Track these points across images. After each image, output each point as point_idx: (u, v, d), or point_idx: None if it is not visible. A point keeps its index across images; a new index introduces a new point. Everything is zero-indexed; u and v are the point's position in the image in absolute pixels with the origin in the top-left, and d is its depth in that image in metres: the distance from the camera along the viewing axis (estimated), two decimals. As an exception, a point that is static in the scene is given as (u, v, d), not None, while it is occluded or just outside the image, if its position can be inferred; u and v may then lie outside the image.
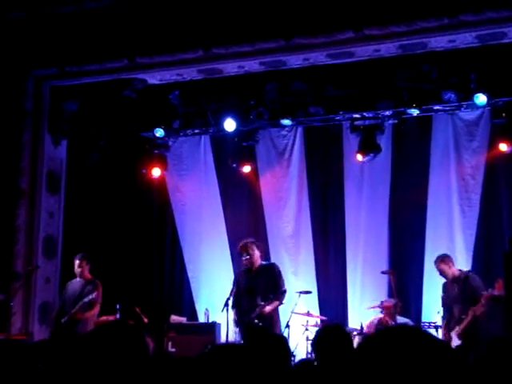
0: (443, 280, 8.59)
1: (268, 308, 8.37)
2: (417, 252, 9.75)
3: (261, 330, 8.07)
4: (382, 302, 9.05)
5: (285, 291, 8.57)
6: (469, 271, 8.61)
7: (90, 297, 8.79)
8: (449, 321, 8.35)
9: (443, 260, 8.49)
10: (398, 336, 1.48)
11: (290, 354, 4.19)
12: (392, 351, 1.44)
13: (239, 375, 2.51)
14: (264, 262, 8.91)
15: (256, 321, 8.34)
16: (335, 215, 10.44)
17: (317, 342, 4.19)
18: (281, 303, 8.59)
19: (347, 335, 4.27)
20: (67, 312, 8.85)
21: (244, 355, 2.61)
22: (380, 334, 1.51)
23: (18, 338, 8.55)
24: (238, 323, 8.57)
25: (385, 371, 1.42)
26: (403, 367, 1.41)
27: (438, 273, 8.57)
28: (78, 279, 9.14)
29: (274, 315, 8.48)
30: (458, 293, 8.24)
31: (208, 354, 2.57)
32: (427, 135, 9.90)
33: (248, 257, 8.66)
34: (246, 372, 2.55)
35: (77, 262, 9.13)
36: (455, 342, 7.98)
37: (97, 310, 8.97)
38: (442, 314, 8.57)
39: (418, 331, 1.49)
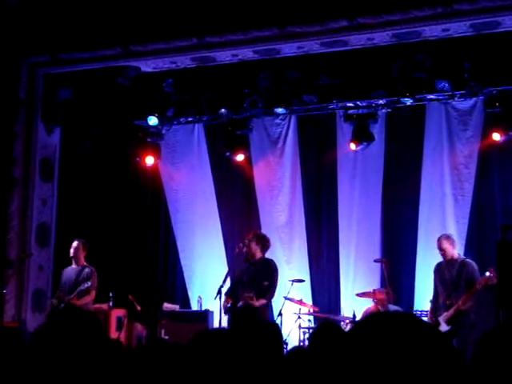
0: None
1: (255, 302, 8.40)
2: (410, 240, 9.77)
3: (252, 318, 8.09)
4: (374, 291, 9.05)
5: (274, 291, 8.61)
6: (466, 257, 8.55)
7: (86, 285, 8.80)
8: (437, 305, 8.31)
9: (448, 238, 8.36)
10: (387, 321, 1.49)
11: (283, 341, 4.20)
12: (382, 336, 1.45)
13: (230, 361, 2.52)
14: (265, 257, 8.93)
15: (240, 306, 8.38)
16: (328, 204, 10.46)
17: (313, 340, 4.22)
18: (268, 302, 8.66)
19: (341, 330, 4.30)
20: (63, 299, 8.86)
21: (235, 341, 2.62)
22: (370, 319, 1.52)
23: (10, 326, 8.54)
24: (228, 310, 8.59)
25: (374, 356, 1.43)
26: (393, 352, 1.43)
27: (439, 252, 8.31)
28: (73, 266, 9.14)
29: (260, 309, 8.47)
30: (454, 277, 8.18)
31: (200, 340, 2.58)
32: (420, 124, 9.90)
33: (243, 246, 8.71)
34: (237, 358, 2.56)
35: (74, 247, 9.13)
36: (444, 327, 7.97)
37: (93, 296, 8.98)
38: (432, 297, 8.50)
39: (408, 316, 1.50)
